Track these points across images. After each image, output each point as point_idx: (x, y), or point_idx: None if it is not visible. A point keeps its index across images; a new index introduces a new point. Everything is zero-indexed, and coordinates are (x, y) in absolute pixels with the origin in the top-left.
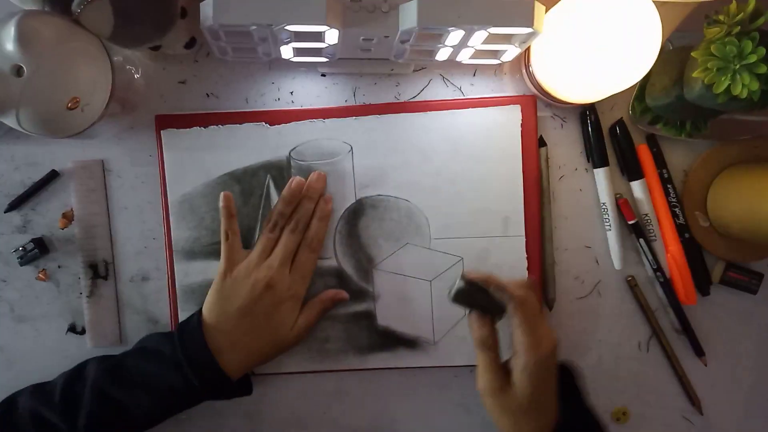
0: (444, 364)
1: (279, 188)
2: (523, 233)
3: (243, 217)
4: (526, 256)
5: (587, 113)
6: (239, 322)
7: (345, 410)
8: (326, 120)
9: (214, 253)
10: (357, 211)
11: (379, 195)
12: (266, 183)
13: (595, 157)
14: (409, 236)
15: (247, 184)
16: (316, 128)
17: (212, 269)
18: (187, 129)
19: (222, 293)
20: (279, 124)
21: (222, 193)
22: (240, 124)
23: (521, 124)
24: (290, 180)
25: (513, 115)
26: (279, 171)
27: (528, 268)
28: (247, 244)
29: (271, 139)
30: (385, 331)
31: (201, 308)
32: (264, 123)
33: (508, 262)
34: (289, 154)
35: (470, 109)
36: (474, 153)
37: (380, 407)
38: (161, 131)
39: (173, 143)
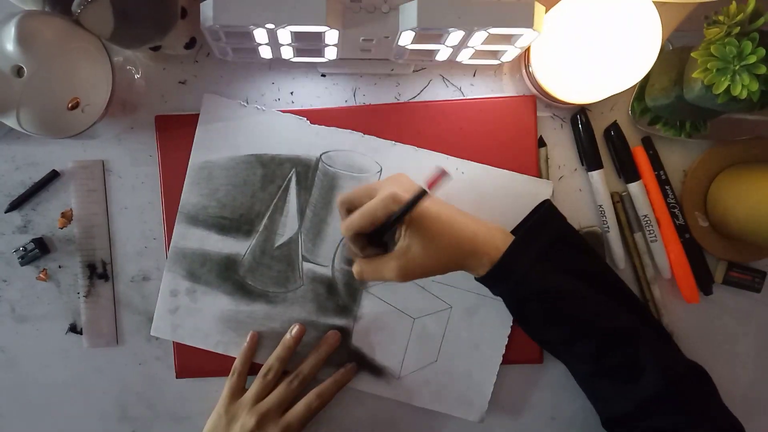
0: (401, 400)
1: (299, 185)
2: None
3: (256, 201)
4: (511, 322)
5: (578, 116)
6: None
7: (344, 411)
8: (365, 135)
9: (216, 226)
10: None
11: None
12: (289, 176)
13: (588, 160)
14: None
15: (270, 171)
16: (353, 139)
17: (210, 241)
18: (229, 99)
19: (217, 427)
20: (320, 124)
21: (251, 332)
22: (284, 112)
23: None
24: (292, 327)
25: (543, 191)
26: (305, 169)
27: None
28: (251, 228)
29: (308, 136)
30: (356, 352)
31: None
32: (306, 119)
33: (492, 323)
34: (320, 156)
35: (508, 171)
36: (494, 214)
37: (380, 408)
38: (204, 94)
39: (212, 109)
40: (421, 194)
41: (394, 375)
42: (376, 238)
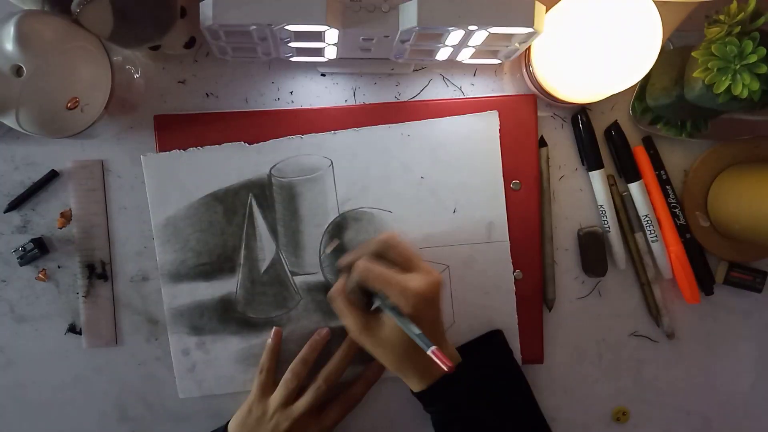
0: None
1: (261, 206)
2: (507, 239)
3: (227, 237)
4: (511, 260)
5: (579, 116)
6: None
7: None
8: (304, 136)
9: (201, 275)
10: (341, 225)
11: (362, 208)
12: (248, 202)
13: (589, 160)
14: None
15: (230, 203)
16: (294, 144)
17: (199, 291)
18: (167, 152)
19: (248, 422)
20: (257, 142)
21: (274, 329)
22: (219, 144)
23: (500, 129)
24: (319, 329)
25: (491, 122)
26: (261, 189)
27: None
28: (233, 264)
29: (251, 157)
30: None
31: (228, 422)
32: (243, 142)
33: (493, 267)
34: (270, 171)
35: (448, 117)
36: (454, 161)
37: (379, 408)
38: (141, 156)
39: (154, 167)
40: (423, 346)
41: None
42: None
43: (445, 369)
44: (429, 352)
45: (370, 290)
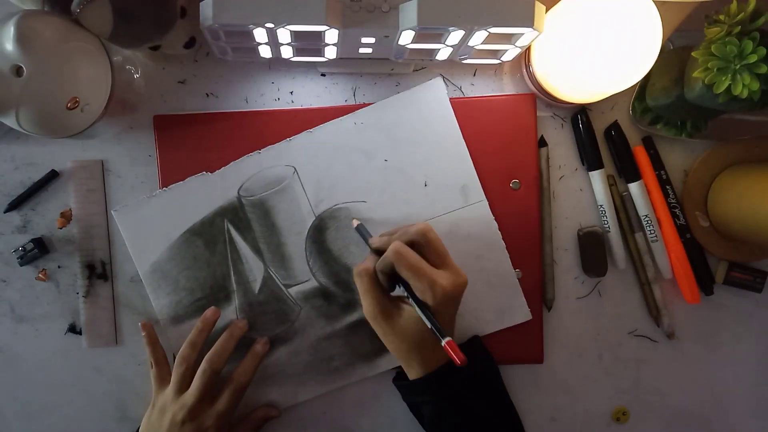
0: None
1: (239, 229)
2: (484, 197)
3: (215, 267)
4: (493, 217)
5: (579, 116)
6: None
7: (344, 411)
8: (261, 150)
9: (200, 310)
10: (319, 227)
11: (336, 205)
12: (226, 228)
13: (589, 160)
14: (376, 233)
15: (208, 234)
16: (255, 161)
17: None
18: (135, 201)
19: (150, 424)
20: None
21: (140, 323)
22: (183, 181)
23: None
24: (206, 311)
25: (437, 87)
26: (234, 213)
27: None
28: (227, 292)
29: (217, 184)
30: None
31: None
32: (205, 171)
33: (478, 229)
34: (238, 193)
35: (394, 95)
36: (412, 136)
37: (379, 408)
38: (112, 211)
39: (127, 219)
40: (438, 337)
41: None
42: (395, 276)
43: (458, 362)
44: (444, 344)
45: (397, 275)
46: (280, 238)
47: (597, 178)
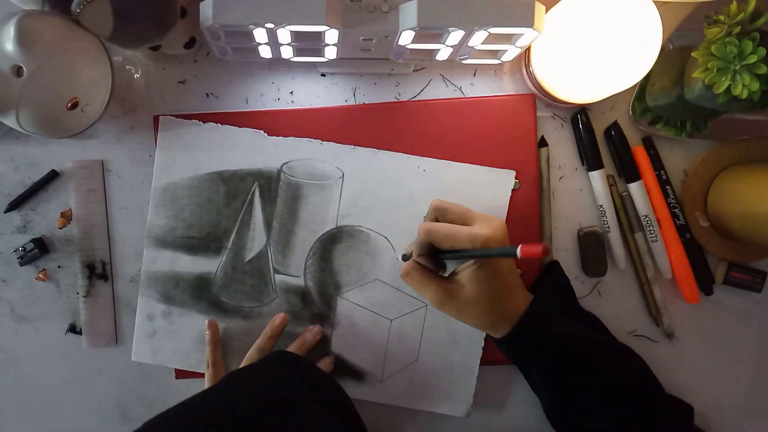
0: (386, 402)
1: (263, 198)
2: None
3: (222, 218)
4: None
5: (579, 116)
6: None
7: None
8: (324, 142)
9: (186, 247)
10: (335, 237)
11: (360, 226)
12: (252, 190)
13: (589, 160)
14: (380, 273)
15: (233, 187)
16: (313, 148)
17: (180, 262)
18: (186, 120)
19: None
20: (278, 135)
21: (207, 321)
22: (240, 126)
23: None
24: (275, 317)
25: (506, 180)
26: (267, 181)
27: None
28: (220, 245)
29: (267, 148)
30: (337, 359)
31: None
32: (263, 132)
33: None
34: (281, 167)
35: (466, 164)
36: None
37: (379, 409)
38: (160, 116)
39: (169, 130)
40: (512, 254)
41: (376, 378)
42: (438, 256)
43: (540, 252)
44: (518, 252)
45: (439, 255)
46: (294, 227)
47: (597, 178)
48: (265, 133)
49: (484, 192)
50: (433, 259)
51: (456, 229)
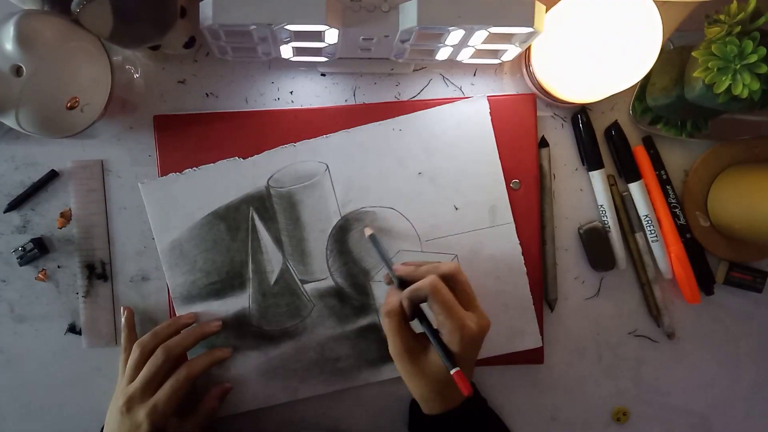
0: None
1: (263, 219)
2: (512, 220)
3: (234, 253)
4: (518, 241)
5: (579, 116)
6: None
7: (344, 412)
8: (297, 143)
9: (213, 294)
10: (344, 227)
11: (363, 208)
12: (250, 216)
13: (589, 159)
14: (400, 243)
15: (231, 220)
16: (289, 153)
17: (213, 309)
18: (164, 177)
19: (108, 415)
20: (251, 156)
21: (122, 308)
22: (214, 163)
23: (490, 114)
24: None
25: (481, 106)
26: (261, 202)
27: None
28: (243, 279)
29: (247, 171)
30: None
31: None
32: (237, 157)
33: (501, 250)
34: (267, 182)
35: (437, 107)
36: (448, 150)
37: (379, 409)
38: (139, 183)
39: (153, 193)
40: (448, 367)
41: None
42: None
43: (465, 392)
44: (453, 373)
45: (418, 310)
46: (302, 233)
47: (597, 178)
48: (240, 158)
49: (464, 126)
50: (415, 307)
51: (454, 307)
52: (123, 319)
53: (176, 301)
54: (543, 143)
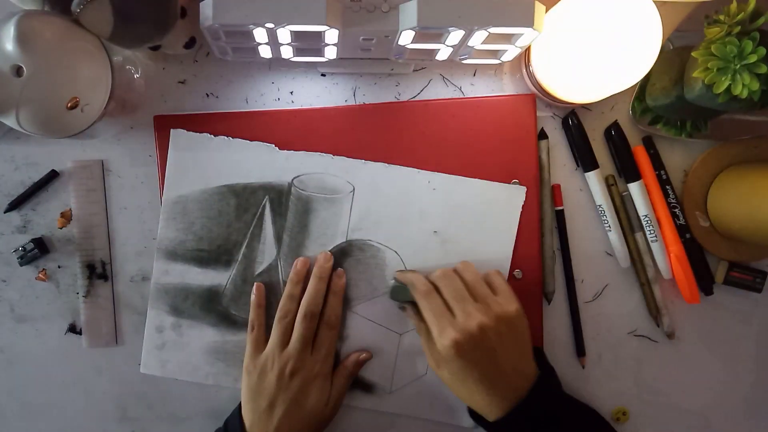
0: (395, 411)
1: (274, 211)
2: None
3: (232, 231)
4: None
5: (569, 119)
6: (274, 414)
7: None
8: (335, 157)
9: (196, 260)
10: (345, 251)
11: (370, 240)
12: (263, 203)
13: (583, 161)
14: (388, 284)
15: (244, 200)
16: (324, 162)
17: (190, 274)
18: (198, 133)
19: (252, 390)
20: (289, 149)
21: (255, 284)
22: (251, 140)
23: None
24: (296, 261)
25: (516, 195)
26: (278, 195)
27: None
28: (230, 258)
29: (278, 162)
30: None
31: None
32: (274, 145)
33: None
34: (292, 181)
35: (476, 180)
36: (470, 222)
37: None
38: (171, 129)
39: (181, 143)
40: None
41: (385, 390)
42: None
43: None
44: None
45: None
46: (304, 240)
47: (593, 178)
48: (277, 147)
49: (494, 208)
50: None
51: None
52: (253, 297)
53: (159, 252)
54: (542, 135)
